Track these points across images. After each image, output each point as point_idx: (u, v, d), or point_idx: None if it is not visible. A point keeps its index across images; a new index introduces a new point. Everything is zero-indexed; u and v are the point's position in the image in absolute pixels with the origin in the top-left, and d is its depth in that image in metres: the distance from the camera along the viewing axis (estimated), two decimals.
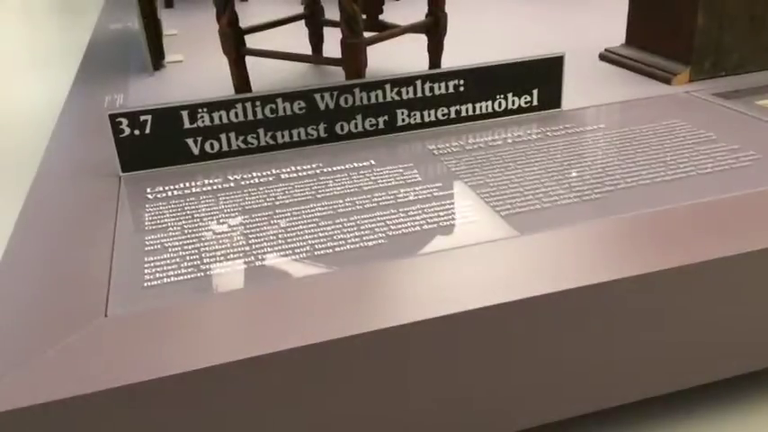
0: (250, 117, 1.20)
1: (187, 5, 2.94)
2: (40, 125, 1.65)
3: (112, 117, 1.12)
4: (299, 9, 2.75)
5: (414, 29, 1.63)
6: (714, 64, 1.48)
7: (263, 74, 1.79)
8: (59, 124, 1.45)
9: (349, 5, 1.38)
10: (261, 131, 1.22)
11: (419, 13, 1.83)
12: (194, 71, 1.85)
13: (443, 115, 1.31)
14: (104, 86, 1.73)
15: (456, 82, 1.30)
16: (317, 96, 1.23)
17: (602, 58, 1.72)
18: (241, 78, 1.61)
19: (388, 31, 1.56)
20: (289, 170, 1.15)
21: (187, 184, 1.11)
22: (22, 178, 1.39)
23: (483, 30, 2.19)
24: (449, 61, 1.80)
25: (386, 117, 1.28)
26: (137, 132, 1.14)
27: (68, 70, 2.16)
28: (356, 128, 1.27)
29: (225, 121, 1.19)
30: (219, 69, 1.84)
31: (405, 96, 1.28)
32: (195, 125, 1.17)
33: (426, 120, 1.31)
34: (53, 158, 1.27)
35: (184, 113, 1.16)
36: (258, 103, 1.20)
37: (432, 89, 1.29)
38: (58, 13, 3.99)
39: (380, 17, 1.74)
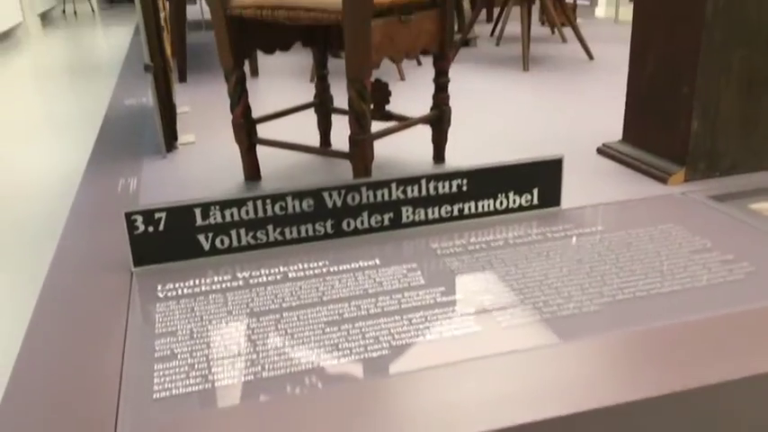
0: (260, 214, 1.24)
1: (200, 79, 3.04)
2: (56, 199, 1.70)
3: (128, 215, 1.16)
4: (307, 81, 2.85)
5: (419, 122, 1.70)
6: (708, 165, 1.53)
7: (274, 157, 1.85)
8: (74, 211, 1.50)
9: (358, 104, 1.45)
10: (270, 228, 1.26)
11: (424, 95, 1.89)
12: (206, 153, 1.91)
13: (447, 213, 1.36)
14: (118, 168, 1.79)
15: (459, 182, 1.34)
16: (326, 195, 1.27)
17: (600, 152, 1.77)
18: (252, 167, 1.66)
19: (394, 125, 1.62)
20: (296, 268, 1.19)
21: (197, 282, 1.15)
22: (38, 257, 1.43)
23: (486, 119, 2.26)
24: (452, 150, 1.86)
25: (391, 214, 1.32)
26: (150, 229, 1.19)
27: (83, 141, 2.22)
28: (362, 224, 1.31)
29: (236, 218, 1.23)
30: (230, 151, 1.90)
31: (410, 195, 1.32)
32: (207, 222, 1.22)
33: (430, 217, 1.35)
34: (67, 248, 1.31)
35: (197, 211, 1.21)
36: (269, 201, 1.24)
37: (436, 188, 1.34)
38: (70, 77, 4.10)
39: (387, 107, 1.80)
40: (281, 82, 2.94)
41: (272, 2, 1.47)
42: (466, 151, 1.88)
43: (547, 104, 2.40)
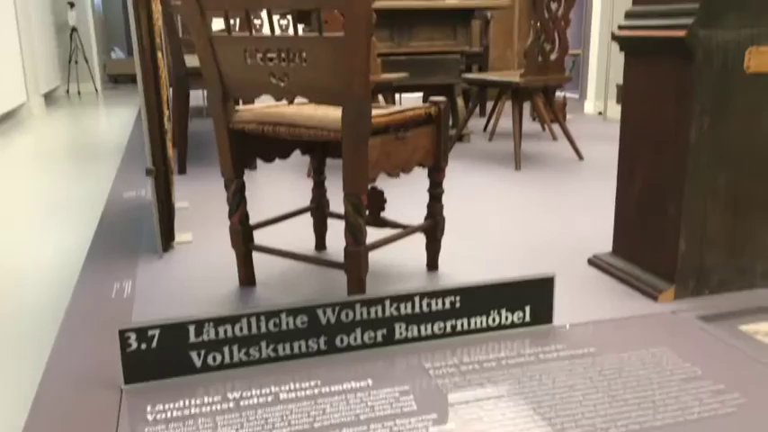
0: (254, 331, 1.25)
1: (200, 170, 3.10)
2: (51, 296, 1.70)
3: (122, 333, 1.17)
4: (304, 175, 2.91)
5: (413, 231, 1.73)
6: (698, 283, 1.56)
7: (270, 260, 1.87)
8: (67, 319, 1.49)
9: (354, 218, 1.48)
10: (263, 344, 1.26)
11: (418, 200, 1.94)
12: (202, 255, 1.93)
13: (439, 329, 1.36)
14: (114, 269, 1.80)
15: (452, 299, 1.36)
16: (320, 312, 1.28)
17: (591, 263, 1.80)
18: (247, 273, 1.68)
19: (389, 236, 1.65)
20: (287, 388, 1.18)
21: (186, 403, 1.14)
22: (29, 363, 1.41)
23: (479, 222, 2.30)
24: (445, 256, 1.88)
25: (384, 331, 1.33)
26: (143, 346, 1.18)
27: (81, 230, 2.24)
28: (355, 341, 1.32)
29: (229, 334, 1.23)
30: (226, 253, 1.92)
31: (403, 312, 1.33)
32: (200, 338, 1.22)
33: (423, 334, 1.35)
34: (58, 361, 1.30)
35: (191, 327, 1.21)
36: (263, 317, 1.25)
37: (429, 305, 1.35)
38: (71, 161, 4.17)
39: (382, 214, 1.84)
40: (278, 175, 3.00)
41: (274, 119, 1.53)
42: (459, 258, 1.91)
43: (538, 208, 2.45)
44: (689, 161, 1.48)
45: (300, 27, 3.43)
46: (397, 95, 5.23)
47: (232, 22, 1.55)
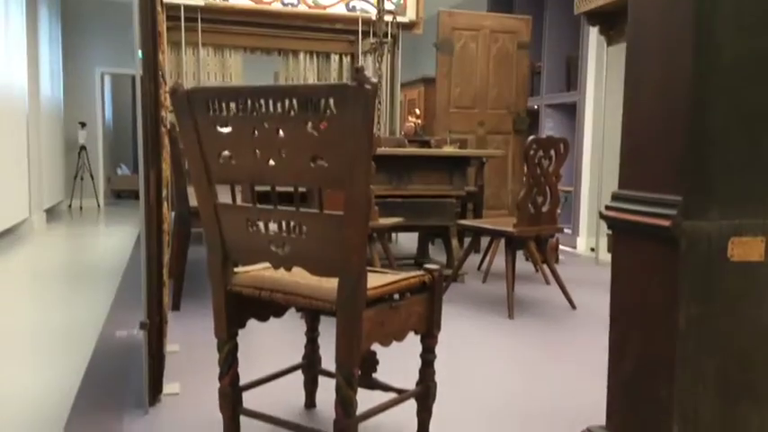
0: None
1: (194, 307, 3.10)
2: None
3: None
4: (296, 325, 2.90)
5: (406, 398, 1.71)
6: None
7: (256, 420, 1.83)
8: None
9: (345, 391, 1.47)
10: None
11: (410, 361, 1.92)
12: (188, 410, 1.90)
13: None
14: (98, 425, 1.76)
15: None
16: None
17: None
18: None
19: (380, 405, 1.63)
20: None
21: None
22: None
23: (470, 380, 2.28)
24: (436, 421, 1.85)
25: None
26: None
27: (70, 367, 2.20)
28: None
29: None
30: (213, 409, 1.88)
31: None
32: None
33: None
34: None
35: None
36: None
37: None
38: (66, 284, 4.17)
39: (373, 375, 1.83)
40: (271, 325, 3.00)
41: (271, 285, 1.56)
42: (449, 424, 1.88)
43: (531, 369, 2.43)
44: (678, 346, 1.50)
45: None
46: (393, 234, 5.34)
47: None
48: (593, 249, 5.95)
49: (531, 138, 3.11)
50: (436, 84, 5.47)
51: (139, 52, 1.91)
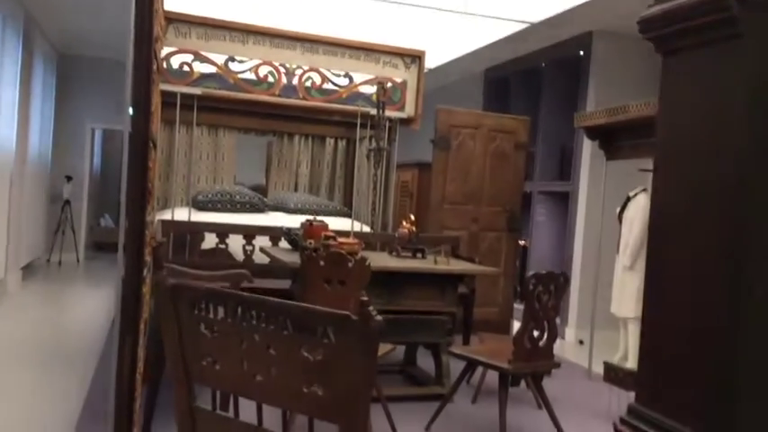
0: None
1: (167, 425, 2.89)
2: None
3: None
4: None
5: None
6: None
7: None
8: None
9: None
10: None
11: None
12: None
13: None
14: None
15: None
16: None
17: None
18: None
19: None
20: None
21: None
22: None
23: None
24: None
25: None
26: None
27: None
28: None
29: None
30: None
31: None
32: None
33: None
34: None
35: None
36: None
37: None
38: (38, 366, 3.95)
39: None
40: None
41: None
42: None
43: None
44: None
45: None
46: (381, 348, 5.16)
47: None
48: (581, 342, 5.77)
49: (530, 273, 3.00)
50: (431, 179, 5.40)
51: (130, 109, 1.80)
